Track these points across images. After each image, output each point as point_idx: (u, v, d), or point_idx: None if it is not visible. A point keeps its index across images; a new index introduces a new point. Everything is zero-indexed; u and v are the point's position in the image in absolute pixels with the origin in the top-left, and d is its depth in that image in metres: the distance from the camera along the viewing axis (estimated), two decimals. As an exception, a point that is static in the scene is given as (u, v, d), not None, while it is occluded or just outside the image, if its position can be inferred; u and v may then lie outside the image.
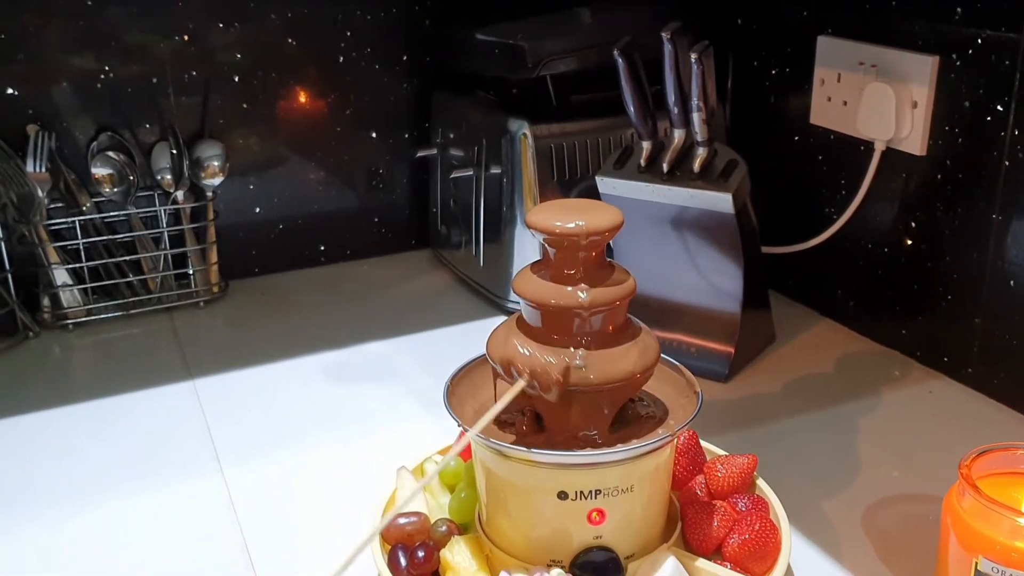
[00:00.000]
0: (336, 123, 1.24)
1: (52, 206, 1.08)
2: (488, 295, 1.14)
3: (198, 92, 1.15)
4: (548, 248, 0.62)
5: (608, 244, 0.62)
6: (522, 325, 0.64)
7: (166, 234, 1.13)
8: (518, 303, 1.04)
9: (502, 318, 1.09)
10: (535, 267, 0.63)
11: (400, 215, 1.32)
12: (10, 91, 1.07)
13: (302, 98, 1.21)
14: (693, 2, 1.12)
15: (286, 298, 1.19)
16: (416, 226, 1.32)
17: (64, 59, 1.08)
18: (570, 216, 0.61)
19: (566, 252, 0.61)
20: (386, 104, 1.26)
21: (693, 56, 0.83)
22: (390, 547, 0.66)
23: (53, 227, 1.09)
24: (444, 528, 0.67)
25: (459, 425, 0.62)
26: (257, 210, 1.23)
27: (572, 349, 0.61)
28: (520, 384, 0.60)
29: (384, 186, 1.30)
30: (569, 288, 0.61)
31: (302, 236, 1.26)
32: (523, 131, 1.04)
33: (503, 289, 1.10)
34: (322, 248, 1.28)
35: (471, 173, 1.11)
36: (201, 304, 1.16)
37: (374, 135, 1.27)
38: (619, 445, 0.60)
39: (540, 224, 0.61)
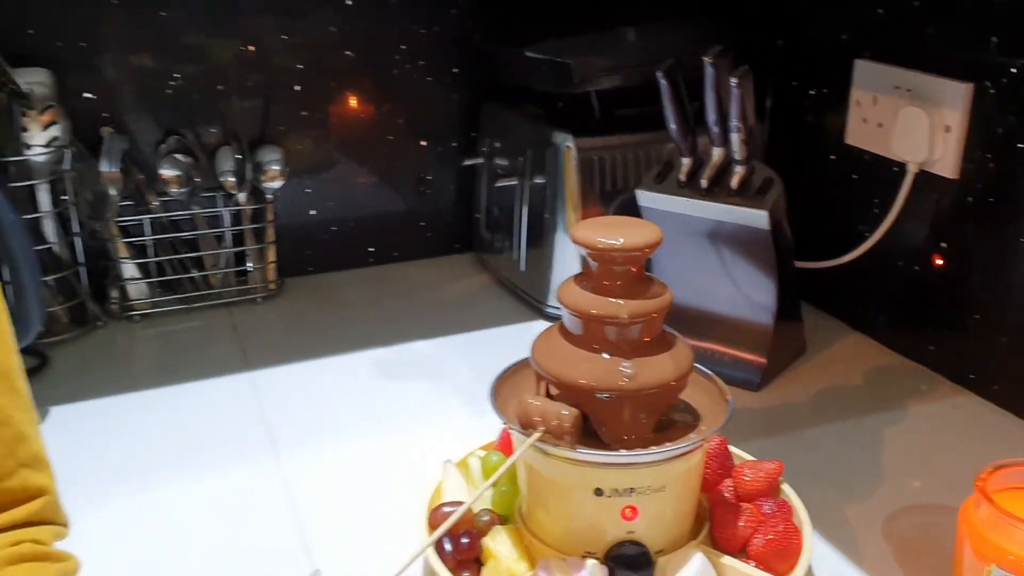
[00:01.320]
0: (388, 131, 1.30)
1: (122, 204, 1.14)
2: (528, 299, 1.18)
3: (261, 99, 1.21)
4: (590, 261, 0.66)
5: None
6: (564, 332, 0.68)
7: (228, 233, 1.20)
8: (557, 308, 1.09)
9: (541, 321, 1.15)
10: (578, 278, 0.68)
11: (445, 220, 1.37)
12: (87, 95, 1.14)
13: (357, 107, 1.27)
14: (734, 23, 1.16)
15: (337, 296, 1.25)
16: (460, 230, 1.37)
17: (137, 66, 1.15)
18: (612, 232, 0.65)
19: (607, 266, 0.66)
20: (436, 114, 1.31)
21: (734, 80, 0.87)
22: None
23: (123, 224, 1.15)
24: (487, 518, 0.72)
25: (504, 423, 0.67)
26: (312, 212, 1.29)
27: (609, 356, 0.65)
28: (536, 435, 0.64)
29: (431, 192, 1.35)
30: (609, 300, 0.65)
31: (353, 238, 1.32)
32: (567, 143, 1.09)
33: (543, 293, 1.15)
34: (371, 249, 1.34)
35: (516, 182, 1.16)
36: (258, 300, 1.22)
37: (423, 143, 1.32)
38: (653, 447, 0.65)
39: (583, 239, 0.66)
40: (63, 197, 1.11)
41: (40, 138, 1.04)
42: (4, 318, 0.66)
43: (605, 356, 0.66)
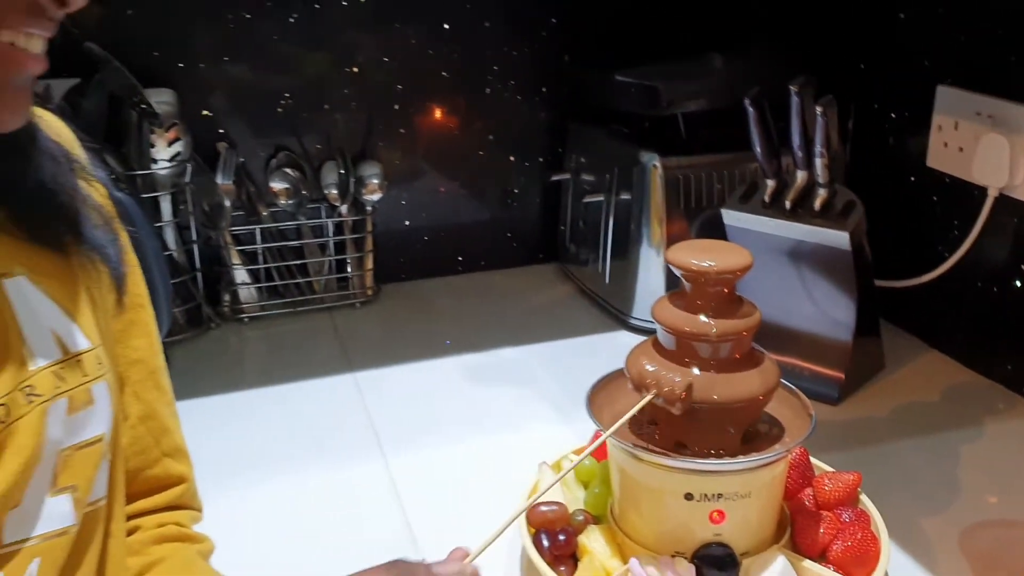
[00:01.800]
0: (479, 147, 1.37)
1: (235, 214, 1.23)
2: (612, 309, 1.24)
3: (363, 118, 1.29)
4: (685, 282, 0.72)
5: (737, 281, 0.72)
6: (657, 347, 0.74)
7: (331, 242, 1.28)
8: (641, 319, 1.15)
9: (624, 332, 1.20)
10: (672, 297, 0.74)
11: (530, 231, 1.43)
12: (205, 113, 1.23)
13: (451, 124, 1.34)
14: (817, 48, 1.19)
15: (429, 302, 1.32)
16: (544, 241, 1.43)
17: (251, 86, 1.24)
18: (705, 256, 0.71)
19: (700, 287, 0.71)
20: (524, 131, 1.38)
21: (819, 109, 0.91)
22: (535, 531, 0.77)
23: (235, 232, 1.24)
24: (581, 517, 0.77)
25: (600, 429, 0.73)
26: (407, 223, 1.37)
27: (700, 371, 0.71)
28: (648, 397, 0.71)
29: (518, 204, 1.42)
30: (701, 318, 0.71)
31: (444, 247, 1.40)
32: (654, 162, 1.14)
33: (627, 304, 1.20)
34: (460, 258, 1.41)
35: (602, 198, 1.21)
36: (357, 305, 1.30)
37: (512, 158, 1.39)
38: (740, 457, 0.70)
39: (678, 261, 0.71)
40: (182, 207, 1.20)
41: (165, 153, 1.13)
42: (153, 324, 0.74)
43: (696, 371, 0.71)
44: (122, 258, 0.66)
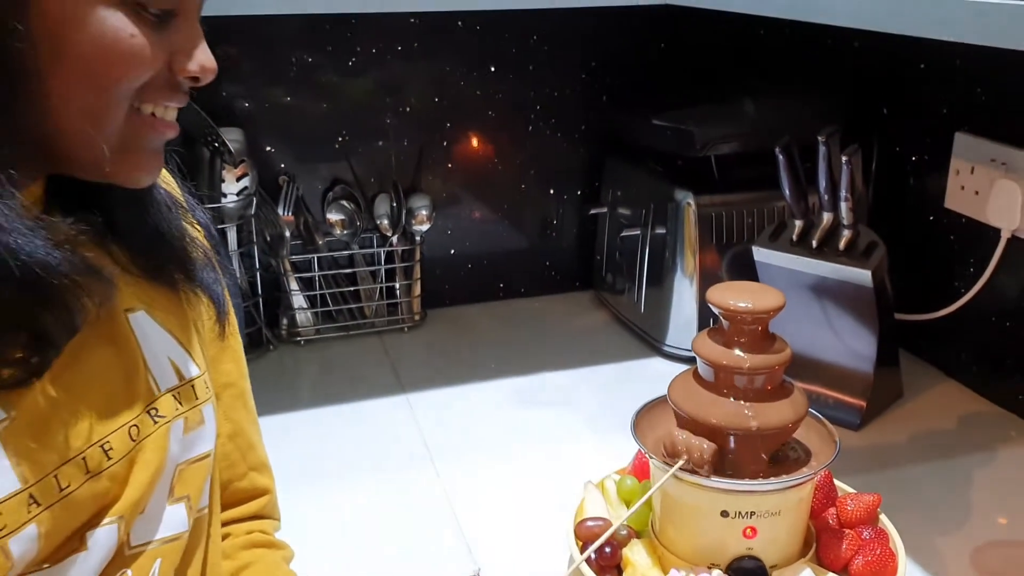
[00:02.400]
0: (521, 181, 1.45)
1: (293, 243, 1.32)
2: (646, 336, 1.32)
3: (414, 153, 1.38)
4: (723, 320, 0.80)
5: (770, 320, 0.80)
6: (697, 378, 0.82)
7: (382, 270, 1.37)
8: (674, 346, 1.23)
9: (658, 358, 1.28)
10: (711, 332, 0.81)
11: (568, 260, 1.52)
12: (268, 148, 1.32)
13: (495, 159, 1.43)
14: (844, 94, 1.27)
15: (473, 327, 1.41)
16: (581, 270, 1.51)
17: (311, 124, 1.33)
18: (742, 296, 0.79)
19: (737, 324, 0.79)
20: (563, 166, 1.46)
21: (844, 157, 0.99)
22: (582, 544, 0.85)
23: (294, 260, 1.33)
24: (625, 532, 0.85)
25: (645, 453, 0.81)
26: (452, 251, 1.45)
27: (736, 401, 0.78)
28: (679, 463, 0.78)
29: (556, 235, 1.50)
30: (737, 353, 0.79)
31: (485, 274, 1.48)
32: (688, 200, 1.22)
33: (661, 332, 1.28)
34: (501, 285, 1.50)
35: (639, 232, 1.29)
36: (405, 329, 1.38)
37: (551, 192, 1.47)
38: (772, 478, 0.78)
39: (717, 301, 0.79)
40: (246, 237, 1.29)
41: (233, 187, 1.22)
42: (241, 350, 0.82)
43: (732, 400, 0.79)
44: (224, 294, 0.74)
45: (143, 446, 0.63)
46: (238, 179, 1.23)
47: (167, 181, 0.72)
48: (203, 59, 0.58)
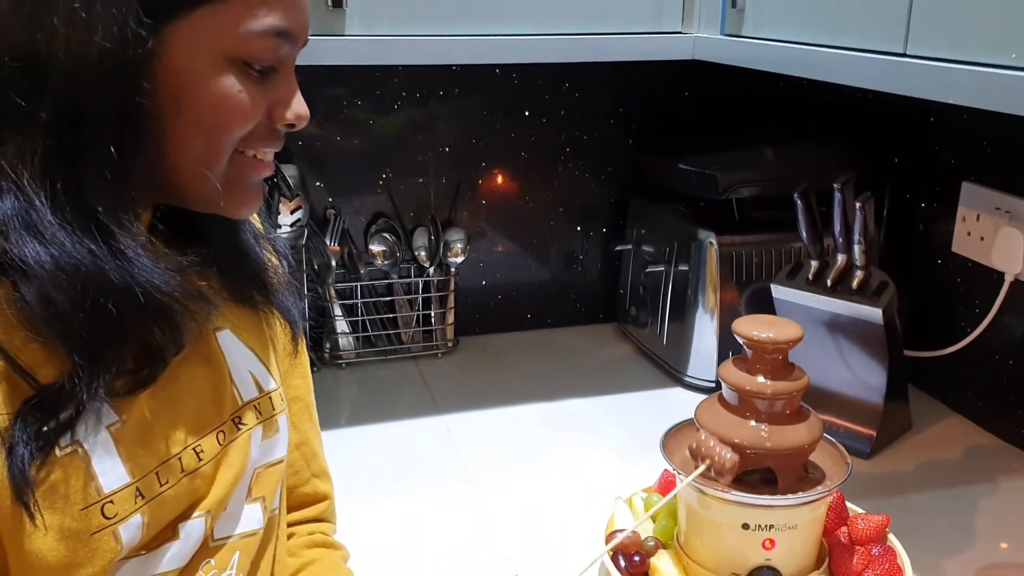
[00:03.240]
0: (549, 218, 1.54)
1: (338, 271, 1.41)
2: (668, 367, 1.39)
3: (451, 190, 1.47)
4: (747, 349, 0.87)
5: (789, 350, 0.87)
6: (722, 401, 0.89)
7: (420, 298, 1.45)
8: (695, 377, 1.30)
9: (680, 388, 1.35)
10: (736, 360, 0.89)
11: (592, 293, 1.60)
12: (318, 183, 1.41)
13: (526, 197, 1.52)
14: (858, 142, 1.36)
15: (502, 355, 1.49)
16: (605, 303, 1.59)
17: (357, 162, 1.42)
18: (764, 328, 0.86)
19: (759, 354, 0.86)
20: (590, 204, 1.55)
21: (858, 204, 1.07)
22: (613, 553, 0.92)
23: (338, 288, 1.41)
24: (652, 543, 0.92)
25: (674, 470, 0.88)
26: (483, 282, 1.54)
27: (757, 423, 0.86)
28: (701, 467, 0.85)
29: (582, 269, 1.58)
30: (759, 379, 0.86)
31: (514, 305, 1.56)
32: (710, 240, 1.30)
33: (683, 364, 1.36)
34: (529, 315, 1.58)
35: (662, 268, 1.38)
36: (439, 355, 1.46)
37: (578, 228, 1.56)
38: (790, 495, 0.85)
39: (743, 332, 0.87)
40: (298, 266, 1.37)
41: (288, 219, 1.31)
42: (308, 366, 0.90)
43: (754, 423, 0.86)
44: (300, 315, 0.82)
45: (228, 450, 0.71)
46: (292, 212, 1.31)
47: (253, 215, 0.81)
48: (299, 108, 0.66)
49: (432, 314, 1.47)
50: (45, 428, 0.57)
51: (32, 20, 0.55)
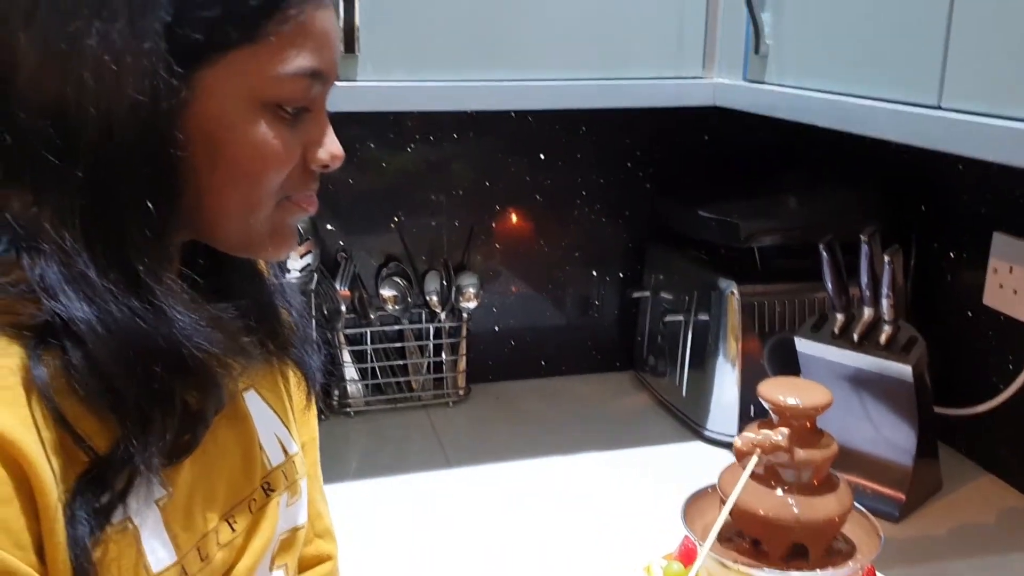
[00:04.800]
0: (566, 263, 1.50)
1: (348, 316, 1.37)
2: (688, 420, 1.35)
3: (464, 233, 1.44)
4: (773, 414, 0.83)
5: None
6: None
7: (431, 344, 1.41)
8: (716, 431, 1.26)
9: (699, 443, 1.31)
10: (761, 424, 0.85)
11: (609, 340, 1.55)
12: (329, 227, 1.38)
13: (541, 241, 1.48)
14: (883, 191, 1.32)
15: (515, 403, 1.44)
16: (621, 350, 1.55)
17: (369, 205, 1.39)
18: (791, 393, 0.82)
19: (786, 419, 0.82)
20: (606, 249, 1.51)
21: (886, 257, 1.03)
22: (630, 625, 0.87)
23: (347, 333, 1.38)
24: (673, 614, 0.87)
25: (694, 540, 0.84)
26: (496, 328, 1.50)
27: (783, 494, 0.81)
28: (755, 458, 0.80)
29: (598, 315, 1.54)
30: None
31: (529, 351, 1.52)
32: (731, 289, 1.26)
33: (702, 416, 1.31)
34: (543, 362, 1.54)
35: (681, 318, 1.33)
36: (450, 404, 1.42)
37: (594, 273, 1.52)
38: (818, 570, 0.80)
39: (768, 396, 0.82)
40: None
41: (297, 263, 1.28)
42: (316, 422, 0.87)
43: (780, 493, 0.82)
44: (317, 368, 0.78)
45: (258, 518, 0.68)
46: (302, 256, 1.28)
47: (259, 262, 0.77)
48: (333, 148, 0.64)
49: (443, 361, 1.43)
50: (102, 500, 0.55)
51: (61, 75, 0.53)
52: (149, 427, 0.55)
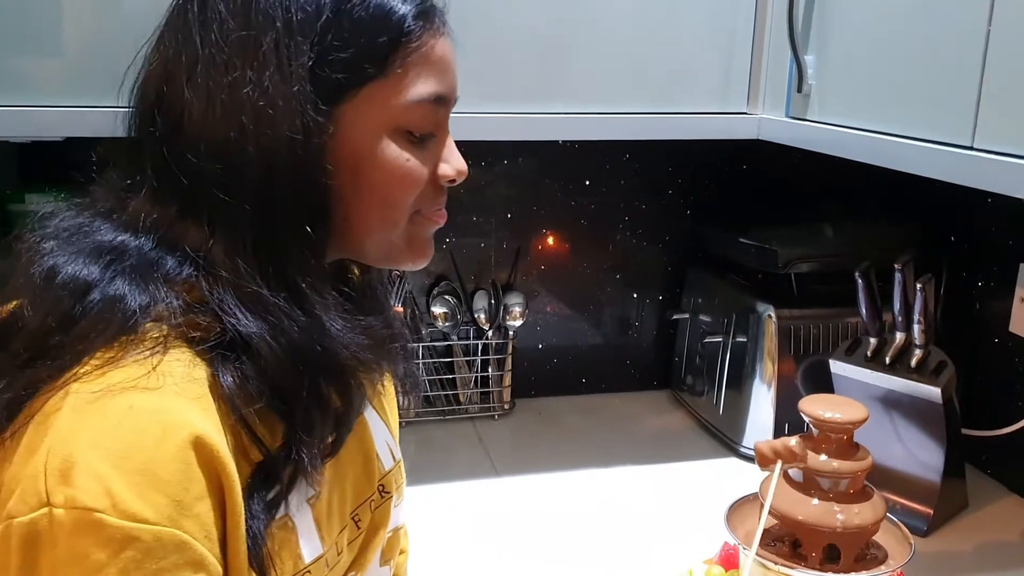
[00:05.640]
0: (607, 284, 1.57)
1: (400, 332, 1.44)
2: (724, 438, 1.41)
3: (512, 255, 1.51)
4: (812, 428, 0.89)
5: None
6: (786, 477, 0.91)
7: (478, 360, 1.48)
8: (750, 448, 1.31)
9: (735, 459, 1.37)
10: (802, 437, 0.91)
11: (647, 359, 1.62)
12: (384, 246, 1.46)
13: (584, 263, 1.56)
14: (915, 221, 1.38)
15: (557, 419, 1.51)
16: (659, 370, 1.61)
17: (423, 225, 1.47)
18: (831, 408, 0.89)
19: (825, 433, 0.88)
20: (646, 272, 1.58)
21: (919, 286, 1.09)
22: (675, 624, 0.93)
23: (400, 347, 1.45)
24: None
25: (738, 544, 0.90)
26: (539, 346, 1.57)
27: (820, 501, 0.87)
28: (778, 467, 0.87)
29: (637, 335, 1.61)
30: (823, 458, 0.88)
31: (570, 369, 1.59)
32: (768, 313, 1.33)
33: (738, 434, 1.37)
34: (583, 380, 1.60)
35: (720, 340, 1.40)
36: (495, 417, 1.49)
37: (634, 295, 1.59)
38: (853, 574, 0.86)
39: (809, 411, 0.89)
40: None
41: (355, 280, 1.36)
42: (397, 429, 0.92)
43: (818, 501, 0.88)
44: (406, 374, 0.84)
45: (376, 518, 0.75)
46: (359, 273, 1.36)
47: None
48: (458, 164, 0.70)
49: (490, 376, 1.50)
50: (272, 493, 0.60)
51: (223, 121, 0.59)
52: (312, 428, 0.61)
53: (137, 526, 0.52)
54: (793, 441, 0.86)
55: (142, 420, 0.54)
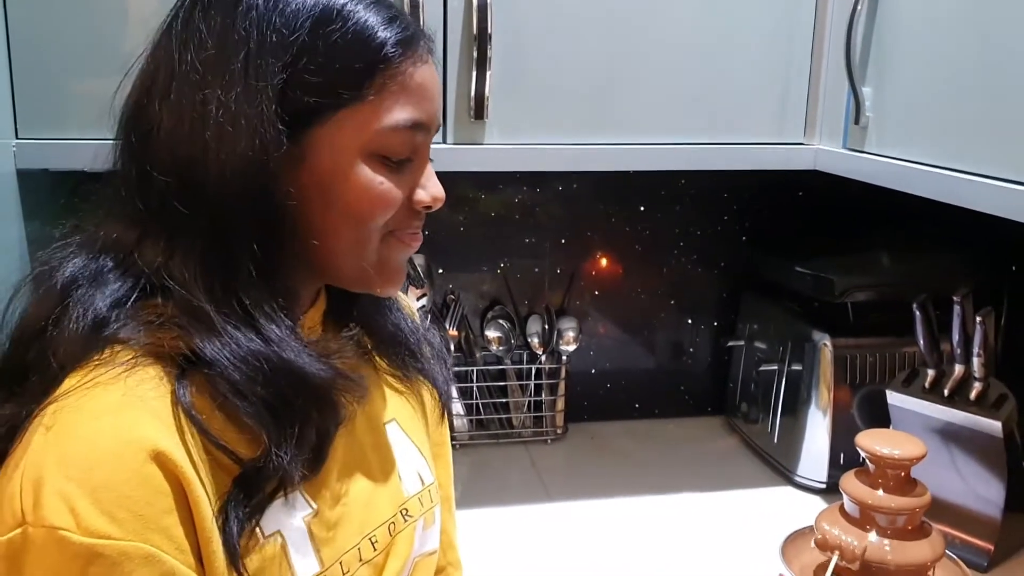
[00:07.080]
0: (661, 310, 1.58)
1: (455, 355, 1.47)
2: (778, 466, 1.40)
3: (566, 280, 1.53)
4: (870, 463, 0.89)
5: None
6: (843, 512, 0.91)
7: (532, 384, 1.50)
8: (805, 476, 1.31)
9: (790, 488, 1.36)
10: (858, 473, 0.91)
11: (701, 385, 1.62)
12: (440, 270, 1.48)
13: (638, 288, 1.56)
14: (974, 250, 1.36)
15: (611, 443, 1.52)
16: (713, 396, 1.61)
17: (478, 252, 1.49)
18: (888, 444, 0.88)
19: (882, 468, 0.88)
20: (701, 298, 1.58)
21: (978, 318, 1.08)
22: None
23: (455, 371, 1.47)
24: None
25: (792, 578, 0.90)
26: (593, 370, 1.58)
27: (877, 536, 0.87)
28: (834, 559, 0.87)
29: (691, 361, 1.61)
30: (880, 493, 0.88)
31: (623, 394, 1.60)
32: (824, 342, 1.32)
33: (793, 462, 1.36)
34: (637, 405, 1.61)
35: (775, 368, 1.39)
36: (548, 441, 1.50)
37: (689, 321, 1.59)
38: (911, 612, 0.85)
39: (866, 447, 0.89)
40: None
41: (415, 304, 1.38)
42: (451, 456, 0.94)
43: (875, 537, 0.87)
44: (445, 381, 0.86)
45: (396, 540, 0.75)
46: (419, 298, 1.39)
47: (407, 305, 0.86)
48: (435, 191, 0.70)
49: (543, 400, 1.51)
50: (252, 501, 0.62)
51: (189, 137, 0.61)
52: (288, 437, 0.62)
53: (100, 542, 0.54)
54: (856, 542, 0.86)
55: (105, 437, 0.56)
